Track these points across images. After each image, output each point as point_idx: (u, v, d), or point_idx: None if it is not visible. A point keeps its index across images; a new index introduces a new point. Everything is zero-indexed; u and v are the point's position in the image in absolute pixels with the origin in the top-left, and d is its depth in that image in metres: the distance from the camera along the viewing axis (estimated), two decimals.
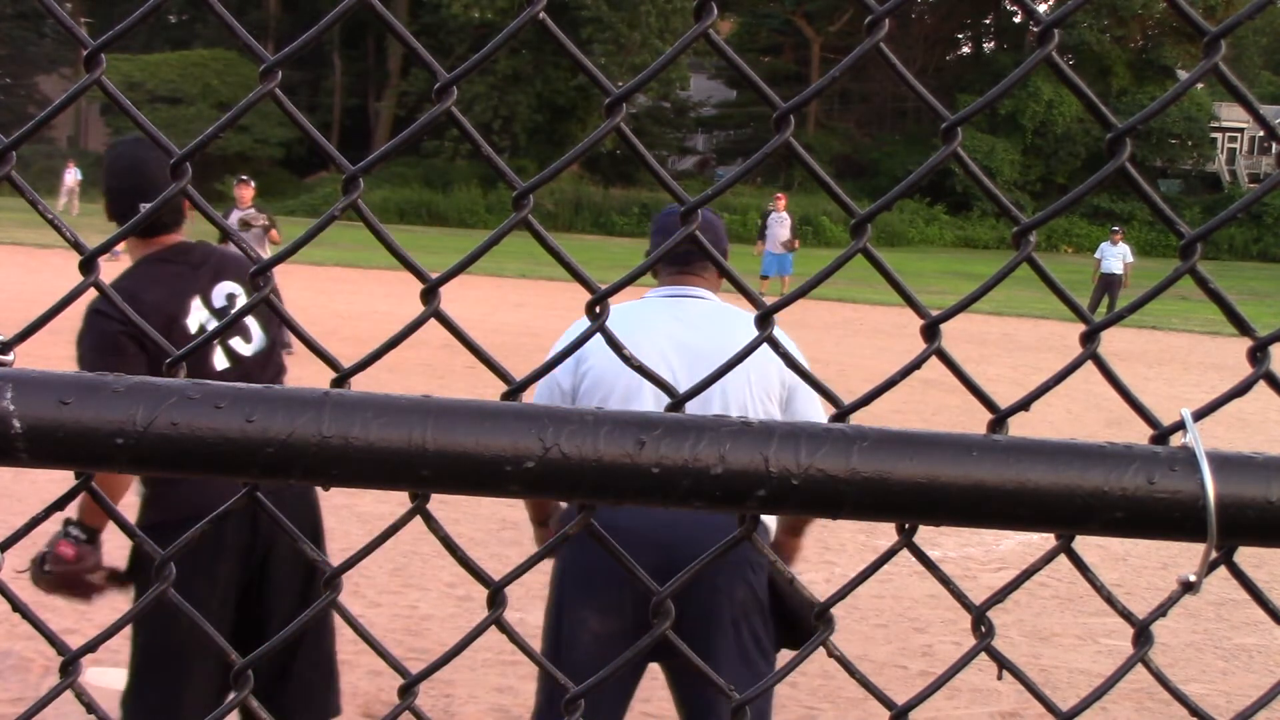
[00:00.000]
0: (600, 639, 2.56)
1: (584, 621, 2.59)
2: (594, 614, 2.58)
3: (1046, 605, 5.50)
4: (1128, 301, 0.80)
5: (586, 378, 2.63)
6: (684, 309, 2.73)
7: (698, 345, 2.60)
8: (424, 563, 5.48)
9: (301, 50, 0.75)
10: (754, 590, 2.62)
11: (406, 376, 9.93)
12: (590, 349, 2.51)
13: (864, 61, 0.76)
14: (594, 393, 2.61)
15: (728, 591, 2.56)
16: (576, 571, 2.62)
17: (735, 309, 2.78)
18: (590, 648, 2.56)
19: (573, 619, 2.61)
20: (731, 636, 2.57)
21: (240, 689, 0.79)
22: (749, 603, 2.61)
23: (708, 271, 2.82)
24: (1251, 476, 0.71)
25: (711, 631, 2.54)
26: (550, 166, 0.78)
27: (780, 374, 2.69)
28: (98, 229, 12.53)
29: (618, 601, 2.56)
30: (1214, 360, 15.14)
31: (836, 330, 16.06)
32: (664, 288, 2.81)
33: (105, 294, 0.77)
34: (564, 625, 2.63)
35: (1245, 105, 0.80)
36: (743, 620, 2.59)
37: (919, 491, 0.70)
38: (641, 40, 40.21)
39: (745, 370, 2.60)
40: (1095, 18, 43.95)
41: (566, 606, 2.63)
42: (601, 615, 2.57)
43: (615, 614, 2.56)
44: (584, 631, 2.58)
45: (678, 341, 2.60)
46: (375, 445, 0.68)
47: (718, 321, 2.71)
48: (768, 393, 2.65)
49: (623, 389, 2.57)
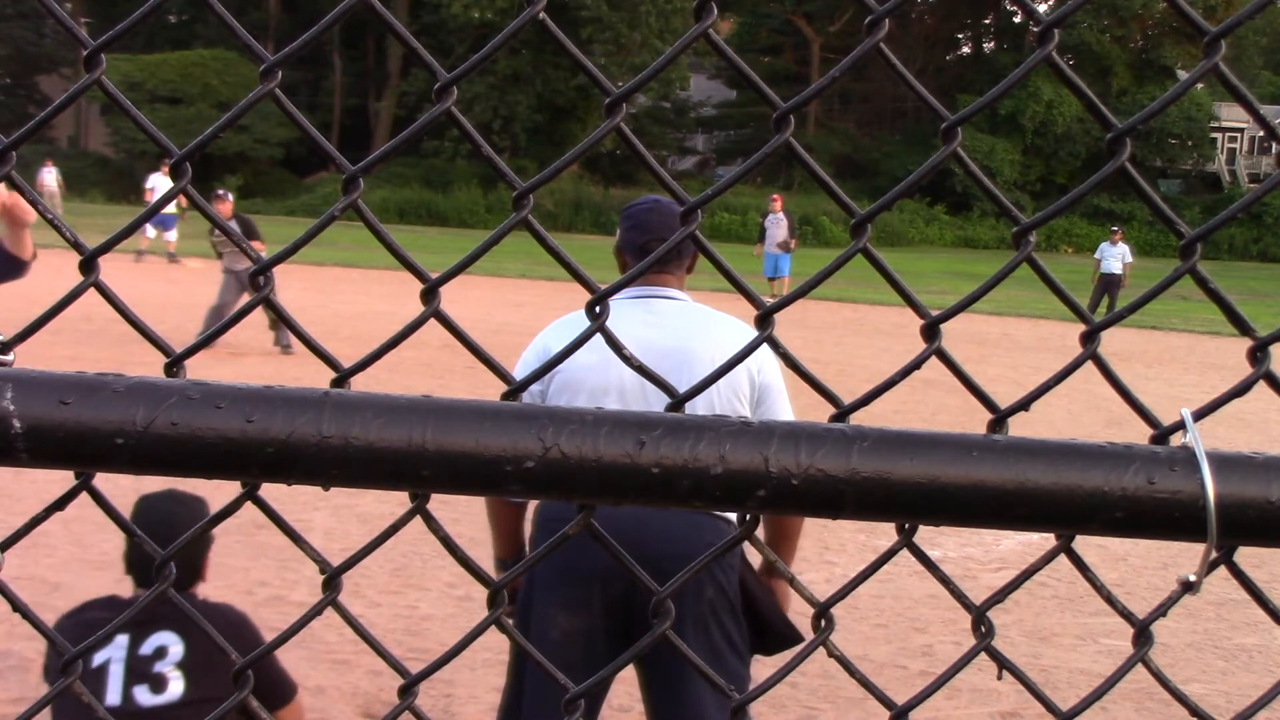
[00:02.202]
0: (569, 636, 2.55)
1: (552, 618, 2.58)
2: (562, 611, 2.58)
3: (1046, 605, 5.50)
4: (1128, 301, 0.80)
5: (555, 379, 2.62)
6: (654, 309, 2.69)
7: (667, 345, 2.58)
8: (424, 563, 5.48)
9: (301, 50, 0.75)
10: (723, 590, 2.60)
11: (406, 376, 9.93)
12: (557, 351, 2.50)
13: (864, 61, 0.76)
14: (561, 394, 2.60)
15: (694, 590, 2.55)
16: (545, 570, 2.61)
17: (706, 308, 2.76)
18: (558, 644, 2.55)
19: (540, 615, 2.60)
20: (701, 636, 2.55)
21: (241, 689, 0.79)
22: (718, 601, 2.59)
23: (678, 270, 2.79)
24: (1251, 476, 0.71)
25: (680, 630, 2.52)
26: (550, 166, 0.78)
27: (750, 374, 2.66)
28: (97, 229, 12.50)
29: (585, 599, 2.55)
30: (1214, 360, 15.13)
31: (836, 330, 16.05)
32: (633, 287, 2.74)
33: (105, 295, 0.77)
34: (532, 623, 2.62)
35: (1245, 105, 0.80)
36: (712, 619, 2.57)
37: (919, 491, 0.70)
38: (641, 40, 40.21)
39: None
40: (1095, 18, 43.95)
41: (536, 604, 2.63)
42: (570, 613, 2.57)
43: (584, 611, 2.56)
44: (552, 628, 2.58)
45: (647, 342, 2.56)
46: (375, 445, 0.68)
47: (688, 320, 2.69)
48: (737, 393, 2.63)
49: (588, 391, 2.55)
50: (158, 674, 2.51)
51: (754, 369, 2.67)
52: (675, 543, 2.44)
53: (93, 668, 2.48)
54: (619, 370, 2.51)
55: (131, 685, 2.49)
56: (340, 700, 4.07)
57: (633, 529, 2.32)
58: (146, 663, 2.50)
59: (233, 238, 0.77)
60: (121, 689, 2.49)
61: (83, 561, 5.25)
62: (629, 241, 2.77)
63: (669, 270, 2.77)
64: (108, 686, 2.48)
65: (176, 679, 2.52)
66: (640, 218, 2.79)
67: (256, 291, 0.75)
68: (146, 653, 2.51)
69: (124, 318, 0.76)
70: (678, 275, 2.79)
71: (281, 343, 11.32)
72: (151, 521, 2.54)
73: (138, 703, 2.49)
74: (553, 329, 2.76)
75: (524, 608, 2.67)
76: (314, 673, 4.23)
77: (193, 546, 2.65)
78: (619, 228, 2.87)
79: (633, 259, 2.77)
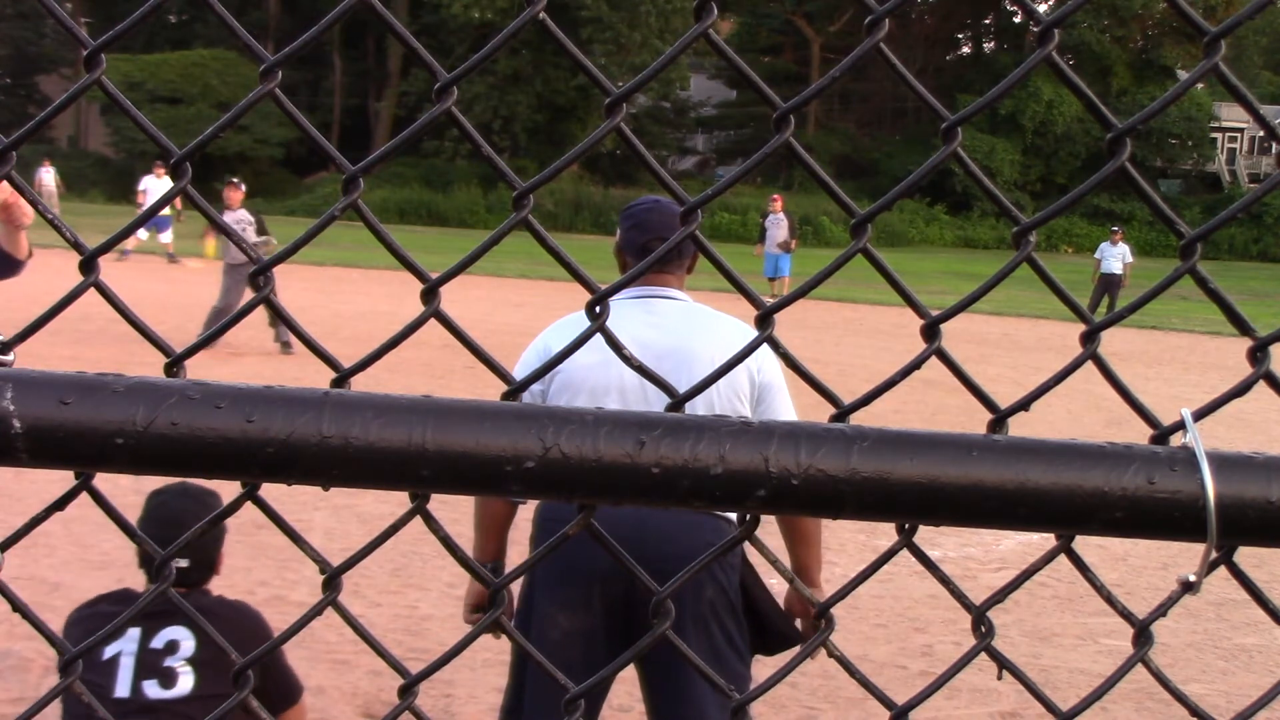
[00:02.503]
0: (569, 636, 2.56)
1: (552, 618, 2.58)
2: (562, 611, 2.58)
3: (1046, 605, 5.49)
4: (1128, 301, 0.80)
5: (555, 379, 2.62)
6: (655, 309, 2.70)
7: (667, 345, 2.58)
8: (424, 563, 5.48)
9: (301, 50, 0.75)
10: (724, 589, 2.61)
11: (406, 376, 9.93)
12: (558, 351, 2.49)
13: (864, 61, 0.76)
14: (562, 394, 2.60)
15: (695, 590, 2.55)
16: (545, 570, 2.61)
17: (706, 308, 2.76)
18: (558, 644, 2.55)
19: (540, 615, 2.60)
20: (702, 636, 2.55)
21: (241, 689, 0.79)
22: (718, 601, 2.59)
23: (679, 270, 2.79)
24: (1251, 476, 0.71)
25: (680, 630, 2.52)
26: (550, 166, 0.78)
27: (750, 374, 2.67)
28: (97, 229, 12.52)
29: (586, 599, 2.56)
30: (1214, 360, 15.13)
31: (836, 330, 16.05)
32: (634, 287, 2.74)
33: (105, 295, 0.77)
34: (532, 623, 2.62)
35: (1245, 105, 0.80)
36: (712, 619, 2.57)
37: (919, 491, 0.70)
38: (641, 40, 40.21)
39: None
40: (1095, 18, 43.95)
41: (536, 604, 2.63)
42: (570, 612, 2.57)
43: (584, 611, 2.56)
44: (553, 628, 2.58)
45: (647, 342, 2.56)
46: (375, 445, 0.68)
47: (689, 321, 2.69)
48: (737, 393, 2.63)
49: (589, 390, 2.55)
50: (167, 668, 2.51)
51: (754, 369, 2.67)
52: (675, 542, 2.44)
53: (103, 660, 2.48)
54: (619, 370, 2.51)
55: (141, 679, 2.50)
56: (340, 700, 4.07)
57: (632, 529, 2.31)
58: (157, 657, 2.50)
59: (232, 237, 0.77)
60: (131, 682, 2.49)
61: (83, 561, 5.25)
62: (630, 241, 2.77)
63: (669, 270, 2.77)
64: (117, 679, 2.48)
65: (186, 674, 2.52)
66: (641, 217, 2.78)
67: (256, 291, 0.75)
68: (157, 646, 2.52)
69: (124, 318, 0.76)
70: (678, 275, 2.79)
71: (281, 339, 11.32)
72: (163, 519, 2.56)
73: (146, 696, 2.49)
74: (553, 329, 2.76)
75: (524, 608, 2.68)
76: (314, 673, 4.23)
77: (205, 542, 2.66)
78: (619, 228, 2.87)
79: (633, 259, 2.77)
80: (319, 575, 0.80)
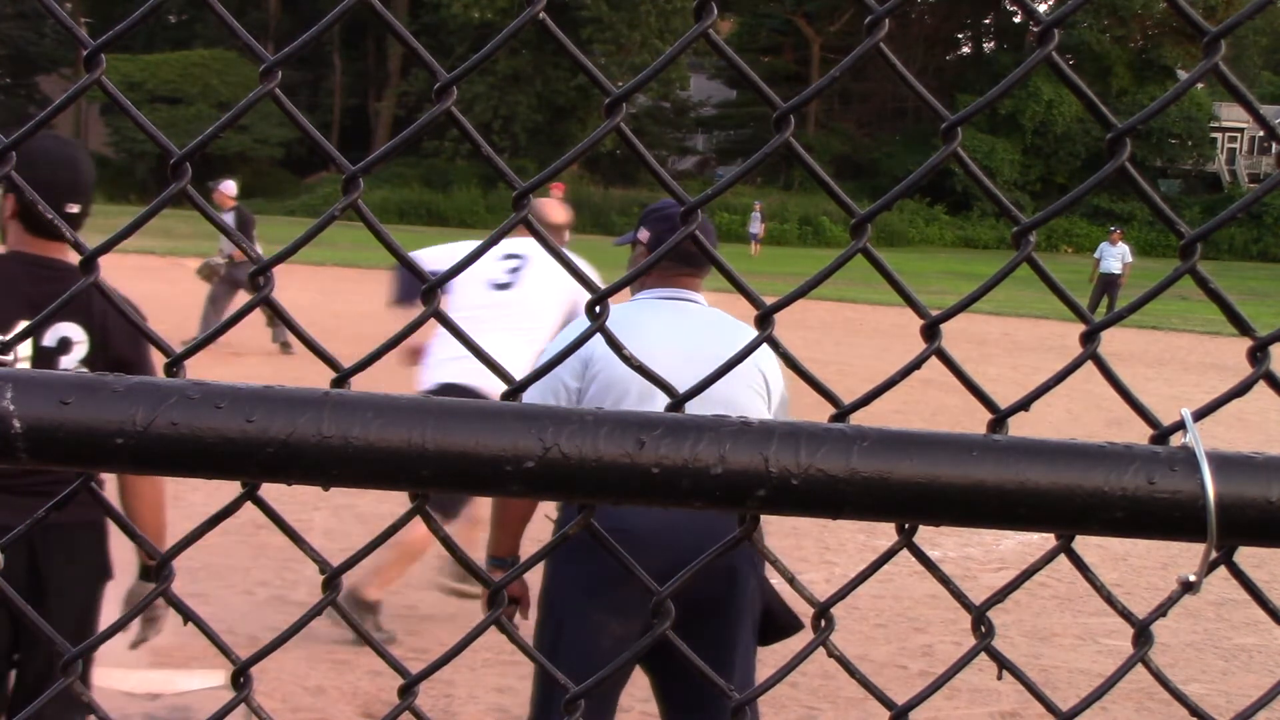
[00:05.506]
0: (623, 643, 2.52)
1: (603, 625, 2.55)
2: (614, 617, 2.55)
3: (1046, 605, 5.50)
4: (1128, 301, 0.80)
5: (596, 380, 2.59)
6: (686, 311, 2.71)
7: (697, 345, 2.58)
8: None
9: (301, 50, 0.75)
10: (759, 582, 2.65)
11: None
12: (599, 351, 2.49)
13: (864, 61, 0.76)
14: (604, 395, 2.56)
15: (744, 582, 2.58)
16: (587, 576, 2.58)
17: (727, 314, 2.77)
18: (611, 652, 2.51)
19: (590, 624, 2.56)
20: (749, 626, 2.60)
21: (241, 689, 0.79)
22: (755, 594, 2.63)
23: (704, 275, 2.80)
24: (1251, 476, 0.71)
25: (734, 621, 2.55)
26: (550, 166, 0.78)
27: (763, 373, 2.69)
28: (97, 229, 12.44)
29: (640, 602, 2.54)
30: (1214, 360, 15.13)
31: (836, 330, 16.05)
32: (659, 289, 2.75)
33: (105, 294, 0.77)
34: (570, 630, 2.58)
35: (1245, 105, 0.80)
36: (749, 611, 2.61)
37: (919, 491, 0.70)
38: (641, 40, 40.22)
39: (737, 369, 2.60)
40: (1095, 18, 43.97)
41: (574, 612, 2.58)
42: (624, 618, 2.54)
43: (638, 616, 2.53)
44: (604, 636, 2.55)
45: (676, 342, 2.56)
46: (375, 445, 0.68)
47: (716, 325, 2.71)
48: (753, 386, 2.66)
49: (636, 392, 2.51)
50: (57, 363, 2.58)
51: (767, 374, 2.69)
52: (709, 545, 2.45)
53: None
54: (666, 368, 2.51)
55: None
56: (340, 700, 4.07)
57: (670, 533, 2.36)
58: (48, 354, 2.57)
59: (232, 237, 0.77)
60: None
61: None
62: (663, 241, 2.76)
63: (698, 275, 2.77)
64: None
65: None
66: (672, 215, 2.76)
67: (256, 291, 0.75)
68: (51, 344, 2.59)
69: (123, 317, 0.76)
70: (701, 279, 2.80)
71: (280, 339, 11.30)
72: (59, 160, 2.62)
73: None
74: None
75: (556, 615, 2.63)
76: (314, 673, 4.23)
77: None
78: (647, 228, 2.84)
79: (670, 260, 2.72)
80: (319, 575, 0.79)
